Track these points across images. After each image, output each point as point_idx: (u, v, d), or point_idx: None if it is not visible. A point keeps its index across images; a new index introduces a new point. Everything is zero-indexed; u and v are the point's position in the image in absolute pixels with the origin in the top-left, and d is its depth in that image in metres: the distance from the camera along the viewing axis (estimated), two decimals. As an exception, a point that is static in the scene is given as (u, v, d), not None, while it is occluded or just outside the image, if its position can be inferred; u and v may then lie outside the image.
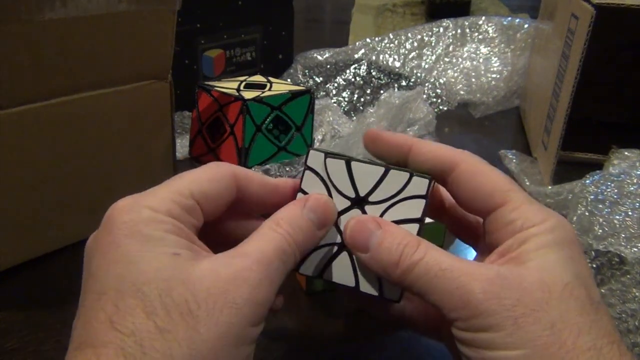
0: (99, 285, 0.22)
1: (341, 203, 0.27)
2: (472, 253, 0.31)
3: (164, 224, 0.23)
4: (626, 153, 0.52)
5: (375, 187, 0.26)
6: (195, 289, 0.21)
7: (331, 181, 0.27)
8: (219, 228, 0.28)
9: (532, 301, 0.22)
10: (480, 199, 0.26)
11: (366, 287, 0.26)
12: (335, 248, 0.27)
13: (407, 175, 0.26)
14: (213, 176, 0.26)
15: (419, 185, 0.26)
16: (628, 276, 0.41)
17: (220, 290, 0.21)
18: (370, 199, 0.27)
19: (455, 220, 0.30)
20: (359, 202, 0.27)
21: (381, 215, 0.26)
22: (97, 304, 0.21)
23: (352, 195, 0.27)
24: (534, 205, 0.25)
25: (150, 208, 0.23)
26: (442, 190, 0.30)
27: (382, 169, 0.26)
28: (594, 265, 0.42)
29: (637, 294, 0.40)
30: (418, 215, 0.26)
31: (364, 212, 0.27)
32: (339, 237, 0.27)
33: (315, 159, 0.27)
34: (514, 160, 0.61)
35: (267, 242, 0.24)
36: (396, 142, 0.28)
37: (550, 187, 0.52)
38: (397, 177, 0.26)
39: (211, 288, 0.21)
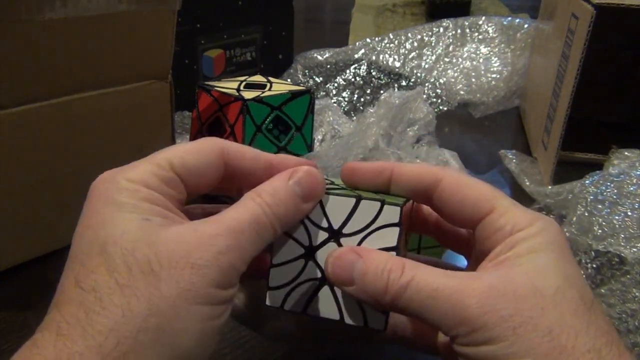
0: (73, 249, 0.22)
1: (318, 237, 0.27)
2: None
3: (139, 192, 0.23)
4: (626, 153, 0.52)
5: (348, 218, 0.26)
6: (158, 250, 0.21)
7: (307, 215, 0.27)
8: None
9: (527, 308, 0.22)
10: (467, 211, 0.26)
11: (350, 319, 0.26)
12: (317, 283, 0.27)
13: (379, 204, 0.26)
14: (197, 149, 0.25)
15: (391, 213, 0.26)
16: (628, 276, 0.41)
17: (184, 252, 0.21)
18: (345, 231, 0.26)
19: (444, 233, 0.31)
20: (335, 235, 0.27)
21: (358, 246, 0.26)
22: (68, 266, 0.22)
23: (327, 227, 0.27)
24: (520, 208, 0.25)
25: (127, 179, 0.23)
26: (424, 207, 0.30)
27: (354, 200, 0.26)
28: (594, 265, 0.42)
29: (637, 294, 0.40)
30: (393, 243, 0.26)
31: (339, 244, 0.26)
32: (318, 271, 0.27)
33: None
34: (514, 160, 0.61)
35: (242, 211, 0.24)
36: (374, 170, 0.28)
37: (550, 187, 0.52)
38: (368, 207, 0.26)
39: (175, 250, 0.21)
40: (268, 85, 0.57)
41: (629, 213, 0.44)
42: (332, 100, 0.75)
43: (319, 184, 0.26)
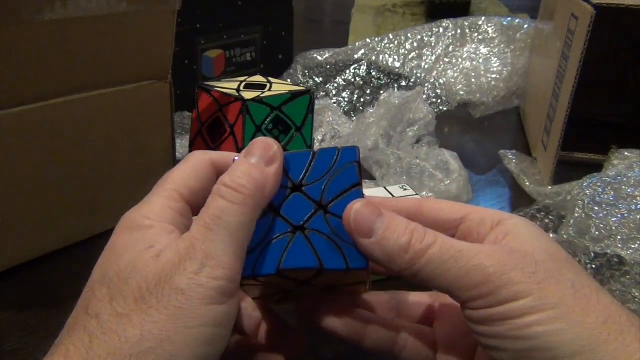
0: (90, 279, 0.24)
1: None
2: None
3: (153, 228, 0.24)
4: (626, 153, 0.52)
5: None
6: (148, 277, 0.22)
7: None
8: None
9: (546, 268, 0.23)
10: (446, 216, 0.28)
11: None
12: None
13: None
14: (196, 171, 0.27)
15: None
16: (627, 277, 0.41)
17: (167, 277, 0.22)
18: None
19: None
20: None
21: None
22: (83, 294, 0.24)
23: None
24: (493, 210, 0.28)
25: (144, 216, 0.25)
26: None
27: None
28: (594, 266, 0.42)
29: (636, 294, 0.40)
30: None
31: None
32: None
33: None
34: (514, 160, 0.61)
35: (205, 212, 0.24)
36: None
37: (550, 187, 0.52)
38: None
39: (159, 275, 0.22)
40: (268, 85, 0.57)
41: (626, 215, 0.44)
42: (332, 101, 0.75)
43: (271, 146, 0.26)
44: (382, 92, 0.76)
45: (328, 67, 0.83)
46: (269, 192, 0.26)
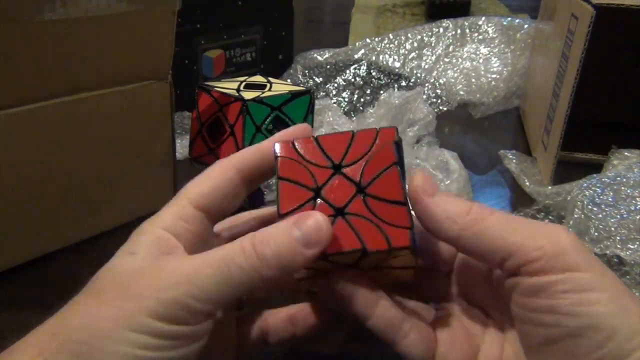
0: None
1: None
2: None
3: (146, 234, 0.25)
4: (626, 153, 0.52)
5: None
6: (116, 280, 0.23)
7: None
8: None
9: (597, 265, 0.23)
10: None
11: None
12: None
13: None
14: (215, 182, 0.27)
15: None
16: (628, 277, 0.41)
17: (132, 283, 0.23)
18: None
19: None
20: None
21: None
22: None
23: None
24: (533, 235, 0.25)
25: (151, 223, 0.26)
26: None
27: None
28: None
29: (637, 294, 0.40)
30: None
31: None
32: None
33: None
34: (514, 160, 0.61)
35: (219, 250, 0.24)
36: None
37: (550, 187, 0.52)
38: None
39: (128, 280, 0.23)
40: (268, 85, 0.57)
41: (625, 215, 0.44)
42: (332, 101, 0.75)
43: (322, 227, 0.24)
44: (382, 92, 0.76)
45: (328, 67, 0.83)
46: (289, 272, 0.25)
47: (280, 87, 0.57)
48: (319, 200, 0.26)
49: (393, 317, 0.27)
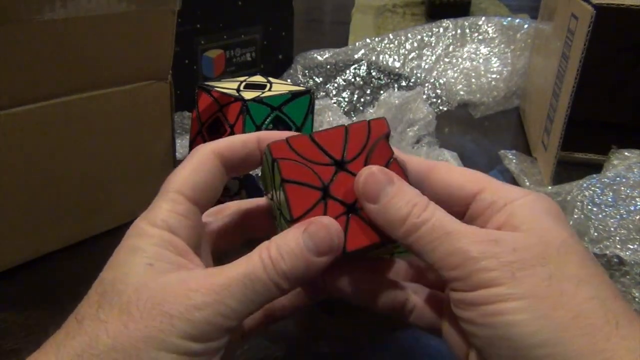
0: (91, 287, 0.24)
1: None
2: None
3: (153, 237, 0.24)
4: (626, 153, 0.52)
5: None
6: (141, 296, 0.23)
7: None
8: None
9: (529, 258, 0.23)
10: (458, 191, 0.27)
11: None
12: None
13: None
14: (198, 167, 0.27)
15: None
16: (628, 277, 0.41)
17: (162, 300, 0.22)
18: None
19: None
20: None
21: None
22: (82, 301, 0.24)
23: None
24: (510, 186, 0.27)
25: (148, 223, 0.25)
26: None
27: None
28: (594, 266, 0.42)
29: (637, 294, 0.40)
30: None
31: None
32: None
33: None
34: (514, 160, 0.61)
35: (240, 265, 0.24)
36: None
37: (550, 187, 0.52)
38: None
39: (155, 297, 0.22)
40: (268, 85, 0.57)
41: (625, 216, 0.44)
42: (332, 101, 0.75)
43: (334, 238, 0.25)
44: (382, 92, 0.76)
45: (328, 67, 0.83)
46: (306, 281, 0.25)
47: (280, 87, 0.57)
48: (329, 200, 0.27)
49: (397, 296, 0.28)
